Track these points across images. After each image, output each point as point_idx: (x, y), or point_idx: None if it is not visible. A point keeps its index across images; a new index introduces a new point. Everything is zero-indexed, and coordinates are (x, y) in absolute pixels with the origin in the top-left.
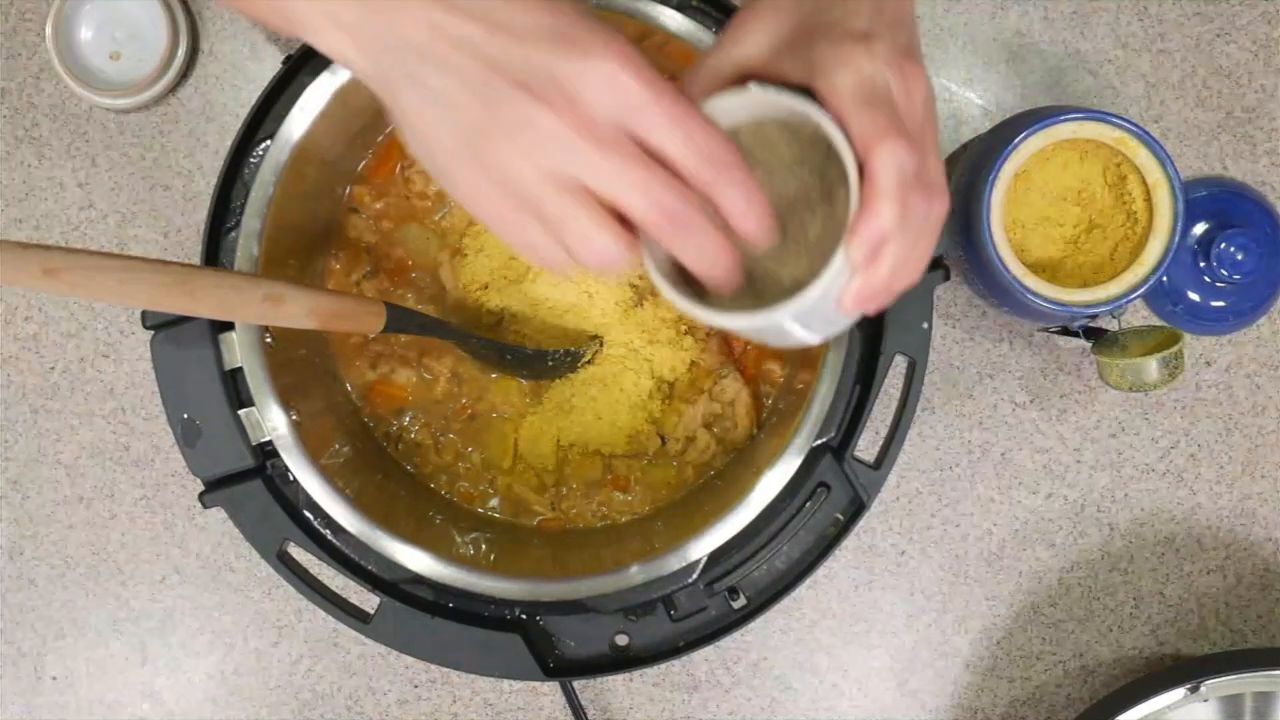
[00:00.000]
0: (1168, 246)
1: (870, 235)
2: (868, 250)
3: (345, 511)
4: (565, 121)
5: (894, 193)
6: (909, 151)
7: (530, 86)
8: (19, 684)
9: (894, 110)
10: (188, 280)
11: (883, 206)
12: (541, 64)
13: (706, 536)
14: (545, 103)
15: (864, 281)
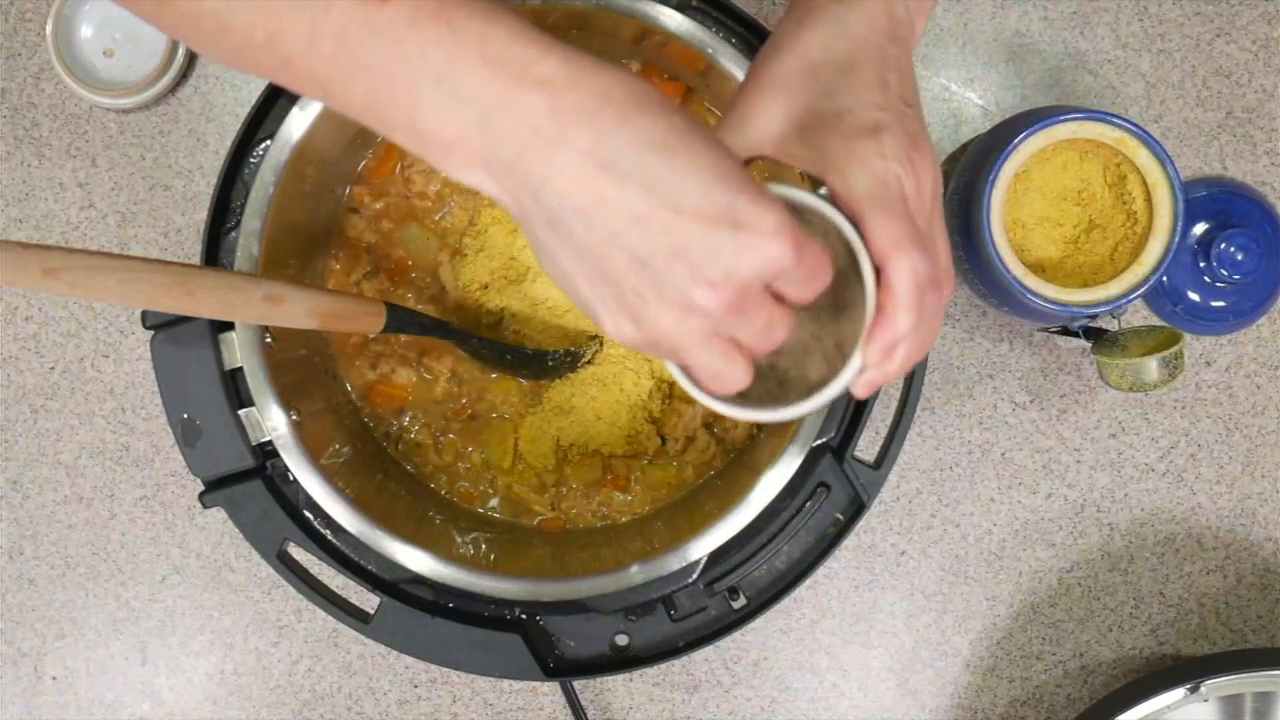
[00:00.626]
0: (1168, 246)
1: (887, 341)
2: (884, 352)
3: (345, 511)
4: (720, 297)
5: (911, 302)
6: (924, 260)
7: (691, 261)
8: (19, 684)
9: (907, 211)
10: (188, 280)
11: (899, 316)
12: (707, 244)
13: (706, 536)
14: (707, 284)
15: (877, 375)
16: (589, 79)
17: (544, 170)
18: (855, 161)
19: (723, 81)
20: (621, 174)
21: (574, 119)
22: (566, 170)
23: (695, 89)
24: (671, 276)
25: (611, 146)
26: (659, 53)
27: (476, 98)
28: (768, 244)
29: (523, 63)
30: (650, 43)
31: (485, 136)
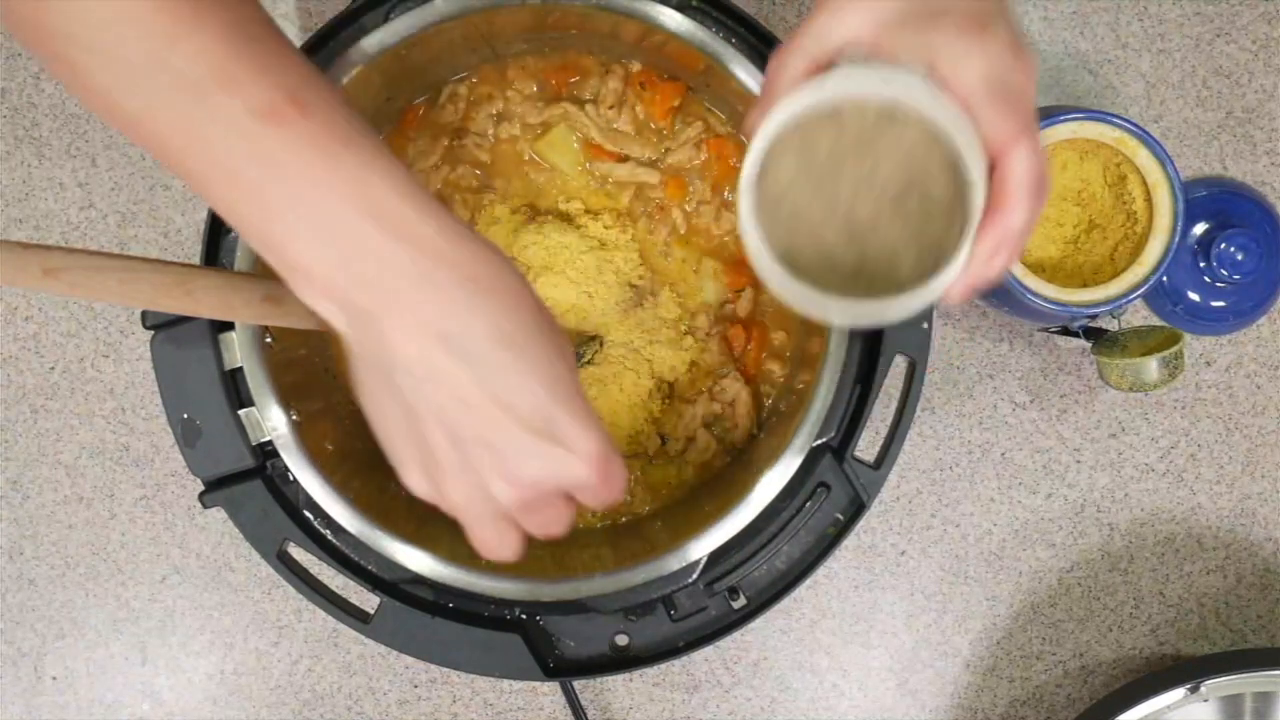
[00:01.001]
0: (1168, 246)
1: (1000, 236)
2: (993, 250)
3: (345, 511)
4: (516, 494)
5: (1028, 196)
6: (1039, 154)
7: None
8: (19, 684)
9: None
10: (188, 280)
11: (1016, 209)
12: (518, 447)
13: (706, 536)
14: (507, 481)
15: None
16: (458, 252)
17: (391, 328)
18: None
19: (723, 81)
20: (461, 355)
21: (433, 290)
22: (412, 336)
23: (695, 89)
24: (477, 462)
25: (457, 325)
26: (659, 53)
27: (345, 242)
28: (577, 465)
29: (398, 219)
30: (650, 43)
31: (345, 278)
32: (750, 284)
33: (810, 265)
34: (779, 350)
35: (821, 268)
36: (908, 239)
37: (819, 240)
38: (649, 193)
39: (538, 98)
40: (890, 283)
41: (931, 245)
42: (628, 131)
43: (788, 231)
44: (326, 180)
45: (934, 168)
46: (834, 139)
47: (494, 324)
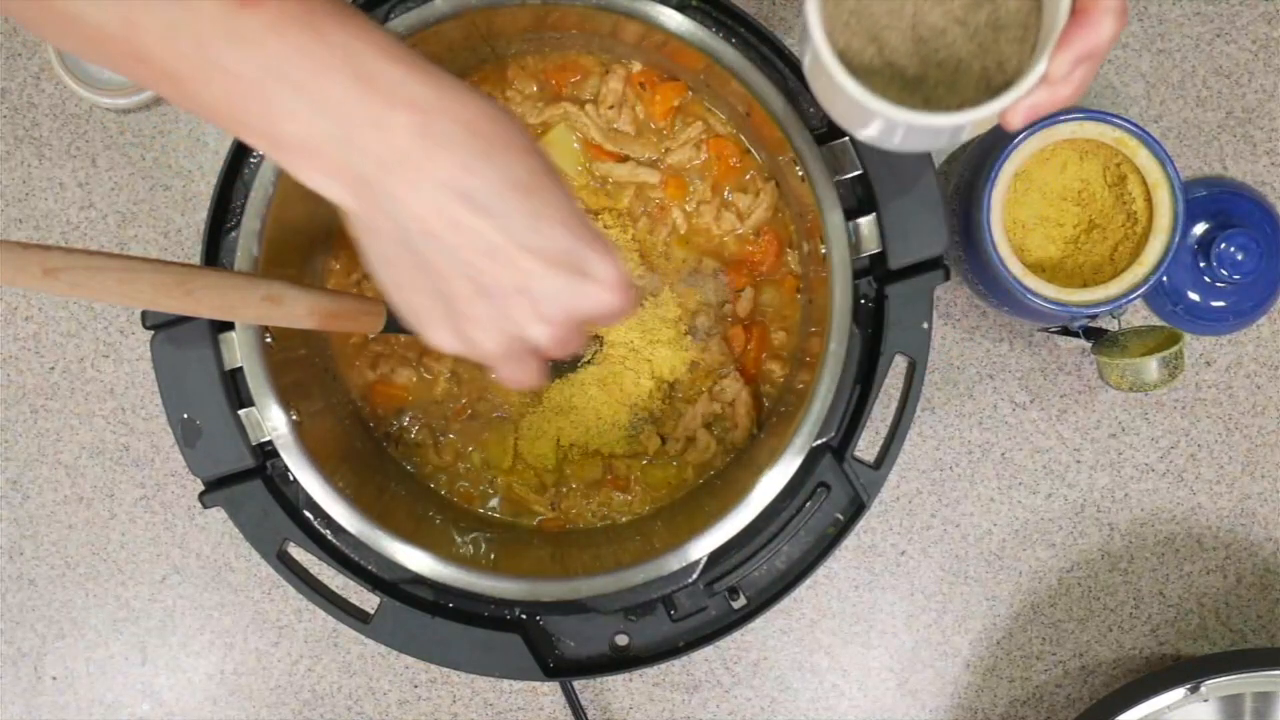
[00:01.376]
0: (1168, 246)
1: (1085, 48)
2: (1073, 63)
3: (345, 511)
4: (552, 333)
5: (1117, 6)
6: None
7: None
8: (19, 684)
9: None
10: (188, 280)
11: (1105, 22)
12: (552, 285)
13: (706, 536)
14: (543, 320)
15: (1046, 97)
16: (457, 107)
17: (404, 192)
18: None
19: (723, 81)
20: (479, 207)
21: (439, 146)
22: (426, 196)
23: (695, 89)
24: (510, 309)
25: (473, 179)
26: (659, 53)
27: (340, 112)
28: (603, 293)
29: (391, 81)
30: (650, 43)
31: (345, 150)
32: (750, 284)
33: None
34: (779, 350)
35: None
36: (975, 51)
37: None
38: (649, 193)
39: (538, 98)
40: (952, 97)
41: (998, 64)
42: (628, 131)
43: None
44: (313, 52)
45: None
46: None
47: (506, 172)
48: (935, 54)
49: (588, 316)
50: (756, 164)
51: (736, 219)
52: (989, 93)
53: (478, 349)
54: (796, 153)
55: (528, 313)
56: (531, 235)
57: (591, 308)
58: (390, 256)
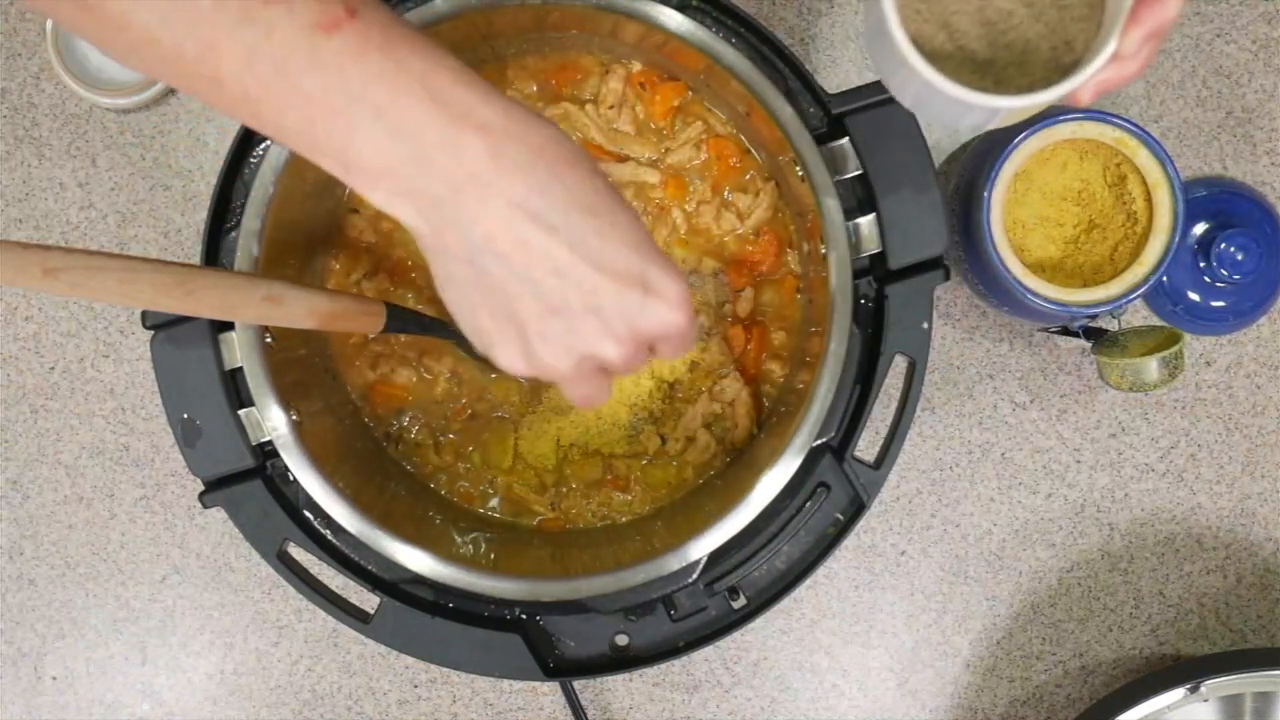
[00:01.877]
0: (1168, 246)
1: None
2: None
3: (345, 511)
4: (623, 351)
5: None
6: None
7: (602, 315)
8: (19, 684)
9: None
10: (188, 280)
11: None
12: (620, 304)
13: (706, 536)
14: (614, 339)
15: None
16: (527, 132)
17: (475, 211)
18: None
19: (723, 81)
20: (548, 227)
21: (510, 168)
22: (497, 215)
23: (695, 89)
24: (581, 327)
25: (542, 200)
26: (659, 53)
27: (415, 135)
28: (670, 311)
29: (465, 106)
30: (650, 43)
31: (419, 171)
32: (750, 284)
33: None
34: (779, 350)
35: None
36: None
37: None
38: (649, 193)
39: (538, 98)
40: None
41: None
42: (628, 131)
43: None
44: (391, 76)
45: None
46: None
47: (574, 193)
48: (1004, 36)
49: (654, 334)
50: (756, 164)
51: (736, 219)
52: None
53: (548, 369)
54: (796, 153)
55: (598, 331)
56: (599, 254)
57: (658, 325)
58: (459, 278)
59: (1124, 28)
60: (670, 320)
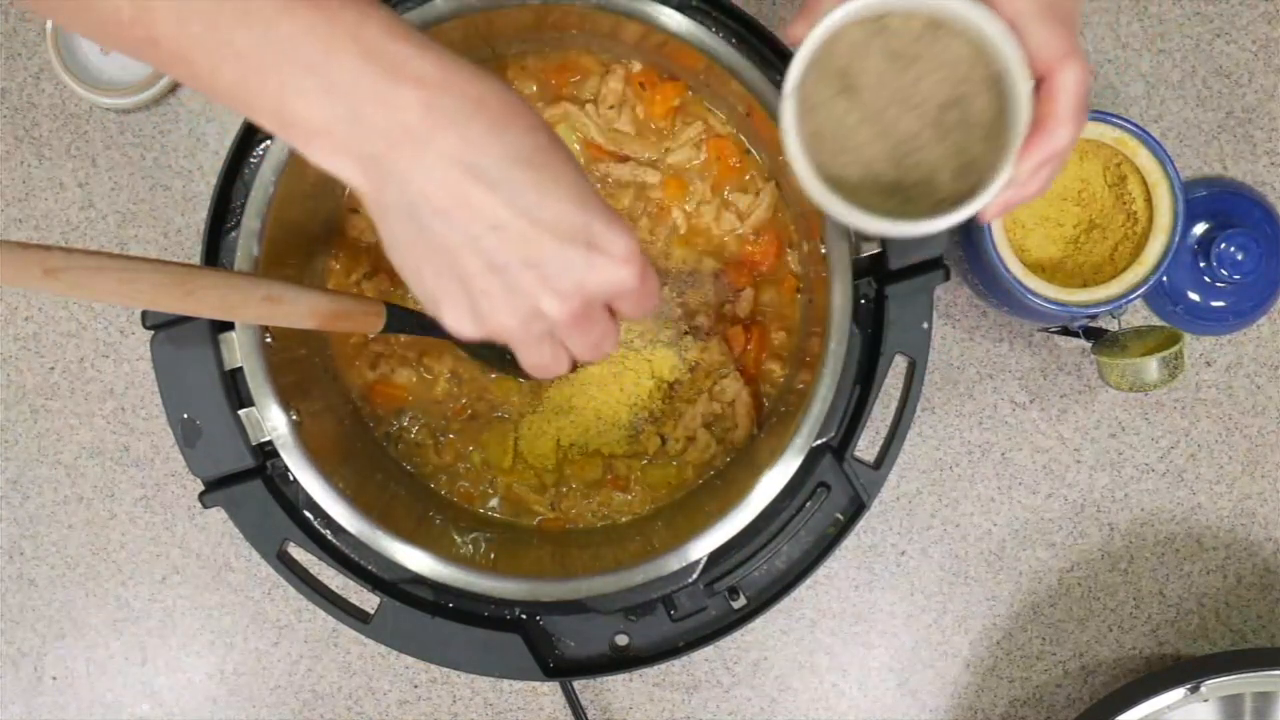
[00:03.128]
0: (1168, 246)
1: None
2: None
3: (345, 511)
4: (566, 308)
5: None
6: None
7: (543, 272)
8: (19, 684)
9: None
10: (188, 280)
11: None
12: (562, 258)
13: (706, 536)
14: (556, 294)
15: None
16: (463, 84)
17: (411, 168)
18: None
19: (723, 81)
20: (488, 182)
21: (446, 122)
22: (434, 171)
23: (695, 89)
24: (522, 283)
25: (480, 154)
26: (659, 53)
27: (349, 90)
28: (617, 267)
29: (398, 59)
30: (650, 43)
31: (354, 128)
32: (750, 284)
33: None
34: (779, 350)
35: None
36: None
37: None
38: (649, 193)
39: (538, 98)
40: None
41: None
42: (628, 131)
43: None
44: (322, 31)
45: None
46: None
47: (512, 146)
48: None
49: (603, 291)
50: (756, 164)
51: (736, 219)
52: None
53: (495, 329)
54: None
55: (539, 286)
56: (539, 210)
57: (604, 282)
58: (403, 237)
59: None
60: (618, 276)
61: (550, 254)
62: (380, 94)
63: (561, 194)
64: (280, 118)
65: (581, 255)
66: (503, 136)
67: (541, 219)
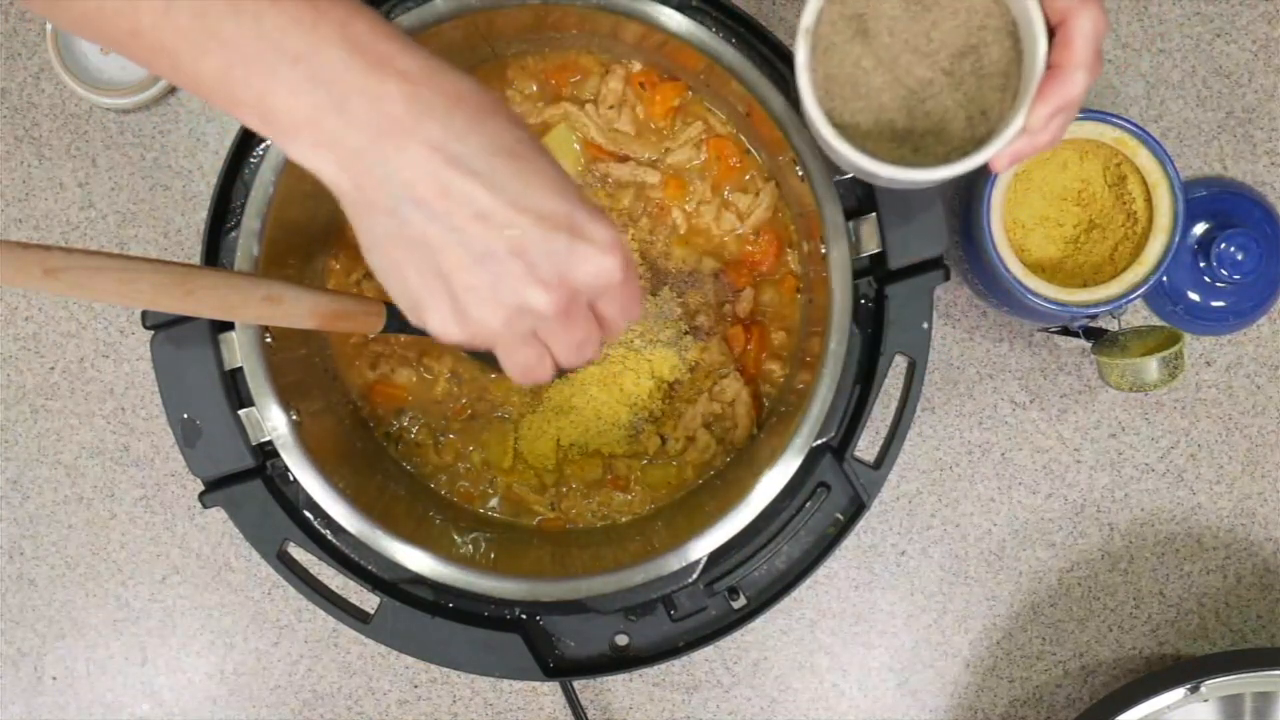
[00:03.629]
0: (1168, 246)
1: (1060, 101)
2: (1049, 114)
3: (345, 511)
4: (552, 299)
5: (1089, 62)
6: (1105, 20)
7: (529, 260)
8: (19, 684)
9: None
10: (188, 280)
11: (1077, 75)
12: (547, 245)
13: (706, 536)
14: (541, 284)
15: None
16: (444, 80)
17: (394, 158)
18: None
19: (723, 81)
20: (470, 171)
21: (429, 114)
22: (417, 161)
23: (695, 89)
24: (507, 273)
25: (462, 145)
26: (659, 53)
27: (334, 81)
28: (601, 255)
29: (384, 53)
30: (650, 43)
31: (338, 120)
32: (750, 284)
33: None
34: (779, 350)
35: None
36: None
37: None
38: (649, 193)
39: (538, 98)
40: (939, 147)
41: (982, 113)
42: (628, 131)
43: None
44: (310, 23)
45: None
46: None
47: (494, 138)
48: (923, 105)
49: (586, 282)
50: (756, 164)
51: (736, 219)
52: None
53: (480, 329)
54: (796, 153)
55: (524, 277)
56: (523, 197)
57: (589, 271)
58: (383, 235)
59: (1031, 104)
60: (601, 266)
61: (535, 240)
62: (365, 86)
63: (544, 183)
64: (263, 110)
65: (565, 242)
66: (484, 128)
67: (526, 206)
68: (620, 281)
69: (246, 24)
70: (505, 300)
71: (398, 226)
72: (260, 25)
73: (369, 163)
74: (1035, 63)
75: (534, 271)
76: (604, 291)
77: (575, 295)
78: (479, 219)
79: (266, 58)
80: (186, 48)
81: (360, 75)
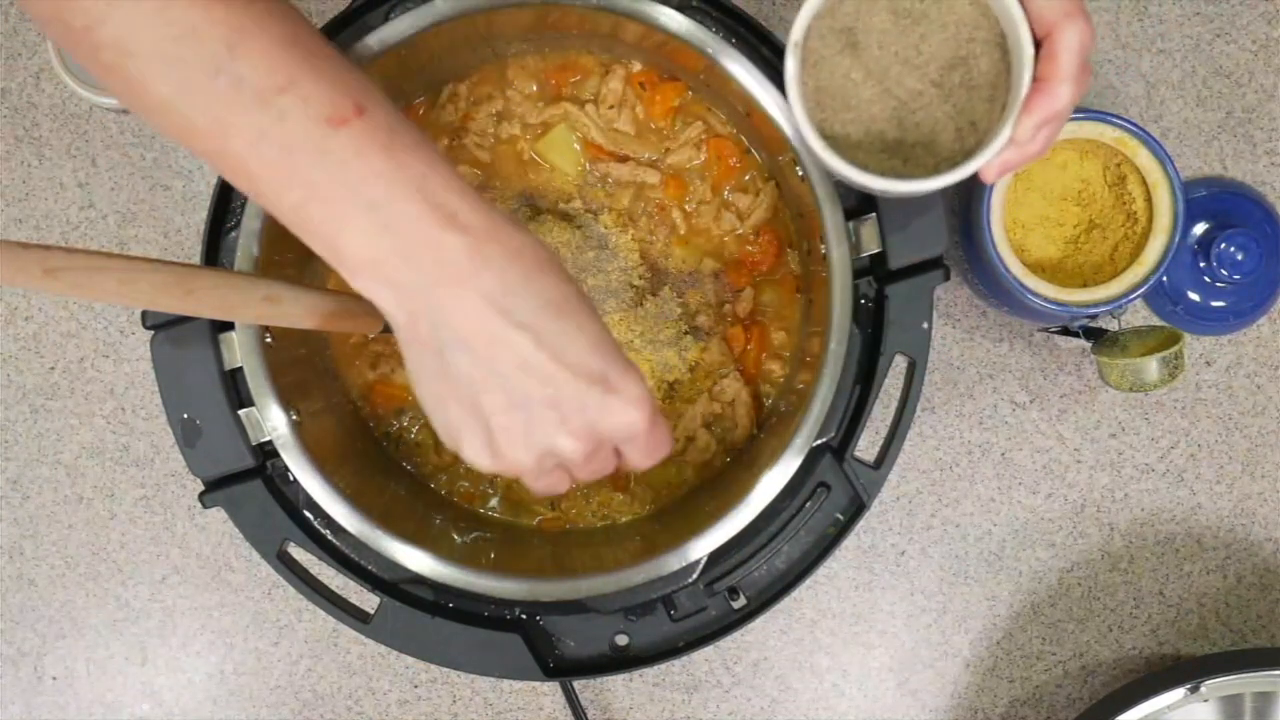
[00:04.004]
0: (1168, 246)
1: (1046, 113)
2: (1036, 126)
3: (345, 511)
4: (580, 447)
5: (1075, 75)
6: (1091, 32)
7: (562, 410)
8: (19, 684)
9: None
10: (188, 280)
11: (1062, 89)
12: (580, 399)
13: (706, 536)
14: (571, 434)
15: (1015, 155)
16: (505, 236)
17: (449, 304)
18: None
19: (723, 81)
20: (518, 324)
21: (486, 266)
22: (470, 309)
23: (695, 89)
24: (542, 420)
25: (514, 299)
26: (659, 53)
27: (404, 231)
28: (629, 409)
29: (453, 209)
30: (650, 43)
31: (402, 264)
32: (750, 284)
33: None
34: (779, 350)
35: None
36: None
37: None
38: (649, 193)
39: (538, 97)
40: (928, 159)
41: (971, 124)
42: (628, 131)
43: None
44: (389, 176)
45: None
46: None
47: (544, 295)
48: (913, 116)
49: (613, 433)
50: (756, 164)
51: (736, 219)
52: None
53: (511, 464)
54: (796, 153)
55: (556, 424)
56: (563, 352)
57: (616, 423)
58: (430, 370)
59: (1019, 116)
60: (628, 419)
61: (571, 394)
62: (433, 238)
63: (584, 341)
64: (334, 245)
65: (598, 396)
66: (536, 285)
67: (565, 360)
68: (644, 432)
69: (333, 170)
70: (537, 443)
71: (445, 365)
72: (344, 172)
73: (426, 305)
74: (1022, 75)
75: (566, 422)
76: (628, 440)
77: (602, 443)
78: (521, 368)
79: (344, 202)
80: (269, 178)
81: (429, 228)
